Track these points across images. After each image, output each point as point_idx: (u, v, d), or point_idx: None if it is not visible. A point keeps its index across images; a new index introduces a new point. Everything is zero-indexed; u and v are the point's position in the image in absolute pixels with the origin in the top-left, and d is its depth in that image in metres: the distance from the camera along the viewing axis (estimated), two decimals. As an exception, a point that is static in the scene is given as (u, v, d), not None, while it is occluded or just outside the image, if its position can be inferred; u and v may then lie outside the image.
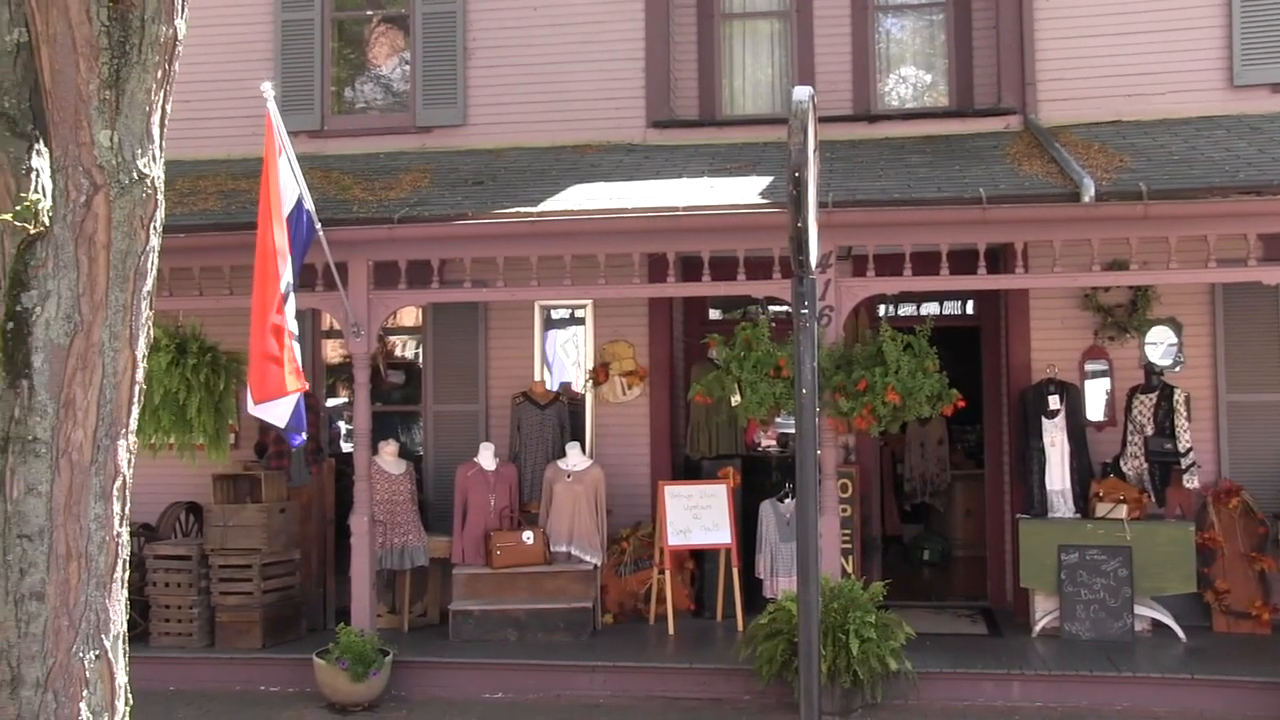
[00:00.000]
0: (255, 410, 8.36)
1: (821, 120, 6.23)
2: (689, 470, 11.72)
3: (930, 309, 12.70)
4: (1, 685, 5.26)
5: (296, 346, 8.40)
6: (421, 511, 10.95)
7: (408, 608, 10.82)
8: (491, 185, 10.46)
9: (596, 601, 10.59)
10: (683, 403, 11.82)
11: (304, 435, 8.67)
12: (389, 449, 10.77)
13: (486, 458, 10.86)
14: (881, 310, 11.67)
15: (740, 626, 10.20)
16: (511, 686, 9.55)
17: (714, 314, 12.62)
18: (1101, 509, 10.14)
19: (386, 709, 9.27)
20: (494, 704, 9.38)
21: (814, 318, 5.22)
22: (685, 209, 9.42)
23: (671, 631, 10.45)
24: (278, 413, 8.30)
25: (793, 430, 10.53)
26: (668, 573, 10.63)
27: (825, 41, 11.97)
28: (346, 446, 12.41)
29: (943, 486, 14.91)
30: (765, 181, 9.97)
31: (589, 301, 11.60)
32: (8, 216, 5.45)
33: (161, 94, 5.62)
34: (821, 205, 6.28)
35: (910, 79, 12.39)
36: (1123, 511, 10.04)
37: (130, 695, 5.66)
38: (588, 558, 10.63)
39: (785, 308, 10.68)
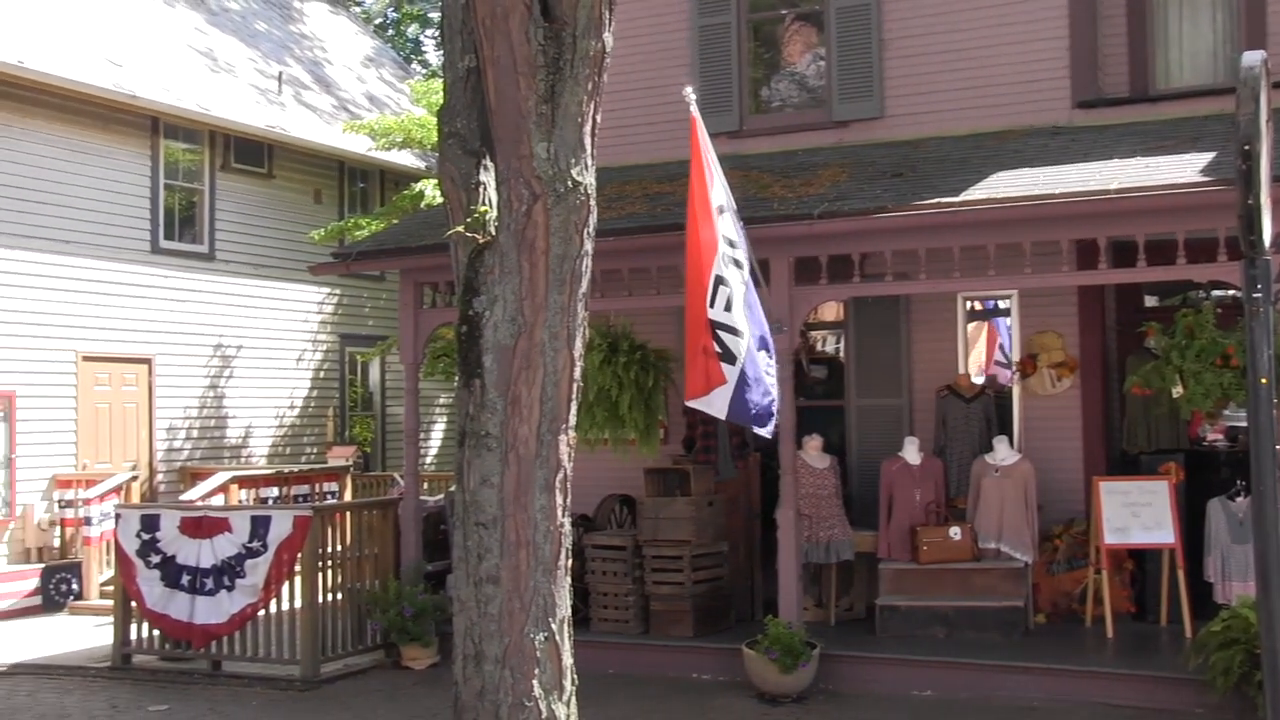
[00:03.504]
0: (690, 402, 8.57)
1: (1276, 87, 5.73)
2: (1125, 465, 11.08)
3: None
4: (467, 660, 5.73)
5: (732, 339, 8.53)
6: (846, 506, 10.95)
7: (834, 601, 10.86)
8: (911, 177, 10.30)
9: (1028, 600, 10.22)
10: (1117, 395, 11.19)
11: (774, 425, 8.67)
12: (813, 443, 10.85)
13: (911, 452, 10.72)
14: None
15: (1188, 633, 9.53)
16: (940, 684, 9.38)
17: (1150, 301, 11.86)
18: None
19: (814, 701, 9.34)
20: (923, 701, 9.24)
21: (1268, 302, 4.81)
22: (1117, 190, 8.91)
23: (1110, 634, 9.92)
24: (715, 405, 8.50)
25: (1243, 423, 9.74)
26: (1104, 573, 10.10)
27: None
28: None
29: None
30: (1206, 158, 9.25)
31: (1014, 292, 11.20)
32: (460, 228, 5.92)
33: (592, 105, 5.92)
34: (1276, 179, 5.76)
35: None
36: None
37: (575, 675, 6.01)
38: (1018, 555, 10.27)
39: (1232, 292, 9.90)
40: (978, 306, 11.91)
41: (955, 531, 10.31)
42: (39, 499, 14.81)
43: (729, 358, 8.42)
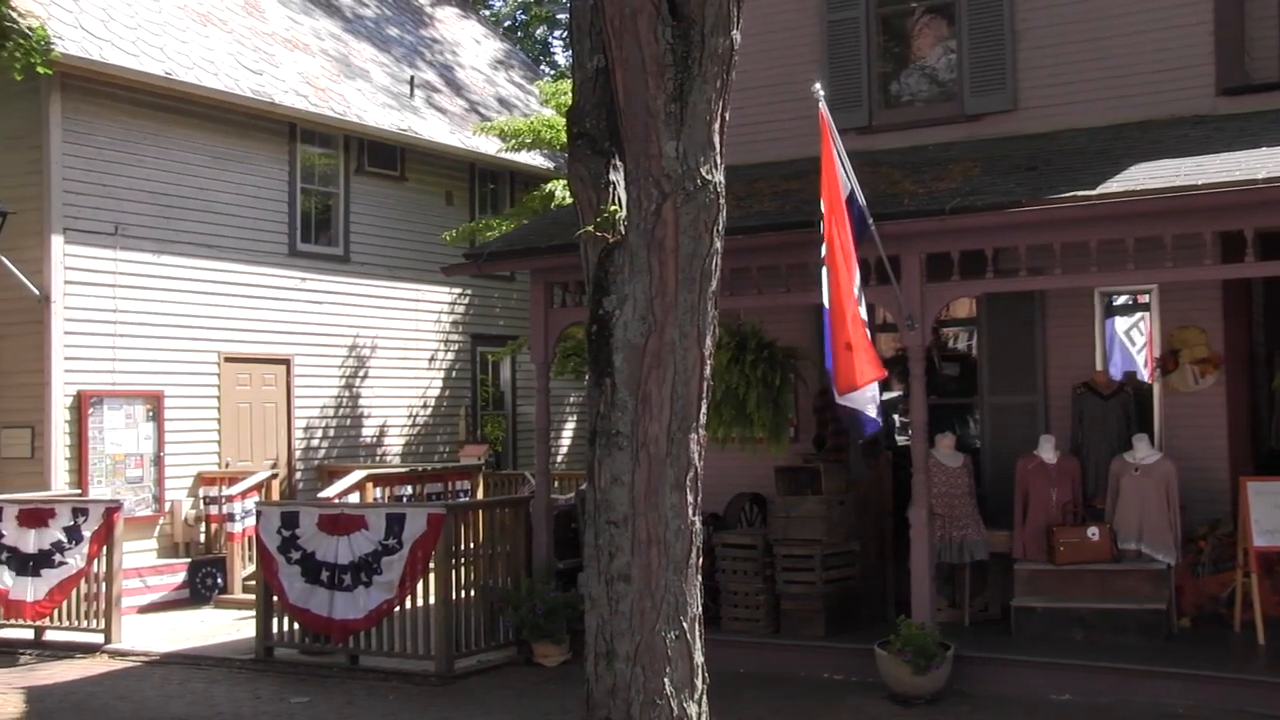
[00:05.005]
0: (842, 400, 8.50)
1: None
2: (1275, 465, 10.70)
3: None
4: (599, 657, 5.78)
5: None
6: (980, 505, 10.76)
7: (968, 602, 10.68)
8: (1045, 170, 10.08)
9: (1171, 603, 9.92)
10: (1265, 392, 10.81)
11: (879, 423, 8.66)
12: (946, 442, 10.69)
13: (1047, 450, 10.50)
14: None
15: (1346, 639, 9.17)
16: (1079, 688, 9.16)
17: (1302, 293, 11.44)
18: None
19: (948, 703, 9.20)
20: (1060, 705, 9.04)
21: None
22: (1265, 180, 8.59)
23: (1261, 640, 9.58)
24: (864, 401, 8.44)
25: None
26: (1254, 576, 9.75)
27: None
28: (901, 440, 12.44)
29: None
30: (1362, 143, 8.89)
31: (1154, 286, 10.89)
32: (590, 228, 5.97)
33: (720, 103, 5.92)
34: None
35: None
36: None
37: (706, 674, 6.01)
38: (1160, 556, 9.98)
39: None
40: (1115, 301, 11.61)
41: (1093, 532, 10.06)
42: (185, 496, 15.32)
43: (873, 356, 8.40)
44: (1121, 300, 11.71)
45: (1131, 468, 10.21)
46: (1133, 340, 11.78)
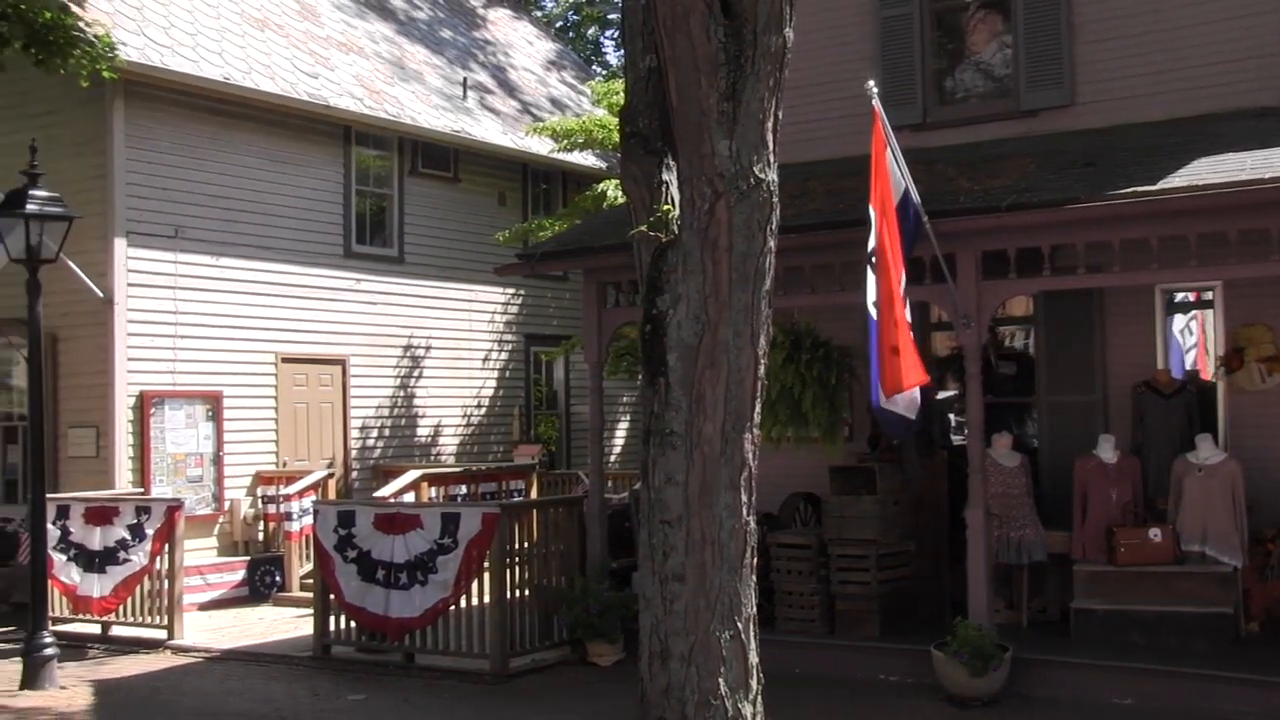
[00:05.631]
0: (884, 404, 8.46)
1: None
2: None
3: None
4: (653, 657, 5.77)
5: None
6: (1037, 505, 10.64)
7: (1026, 603, 10.56)
8: (1103, 165, 9.95)
9: (1238, 607, 9.75)
10: (1333, 390, 10.59)
11: (916, 426, 8.67)
12: (1003, 441, 10.58)
13: (1106, 450, 10.36)
14: None
15: None
16: (1141, 693, 9.02)
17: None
18: None
19: (1006, 706, 9.10)
20: (1123, 710, 8.91)
21: None
22: (1332, 173, 8.42)
23: (1329, 645, 9.41)
24: (906, 404, 8.39)
25: None
26: (1322, 579, 9.57)
27: None
28: (957, 439, 12.33)
29: None
30: None
31: (1217, 283, 10.71)
32: (643, 227, 5.96)
33: (773, 101, 5.89)
34: None
35: None
36: None
37: (761, 674, 5.99)
38: (1225, 559, 9.80)
39: None
40: (1177, 299, 11.43)
41: (1155, 533, 9.91)
42: (244, 495, 15.48)
43: (916, 360, 8.34)
44: (1183, 297, 11.53)
45: (1195, 468, 10.05)
46: (1195, 338, 11.60)
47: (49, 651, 10.46)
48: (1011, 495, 10.42)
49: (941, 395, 12.77)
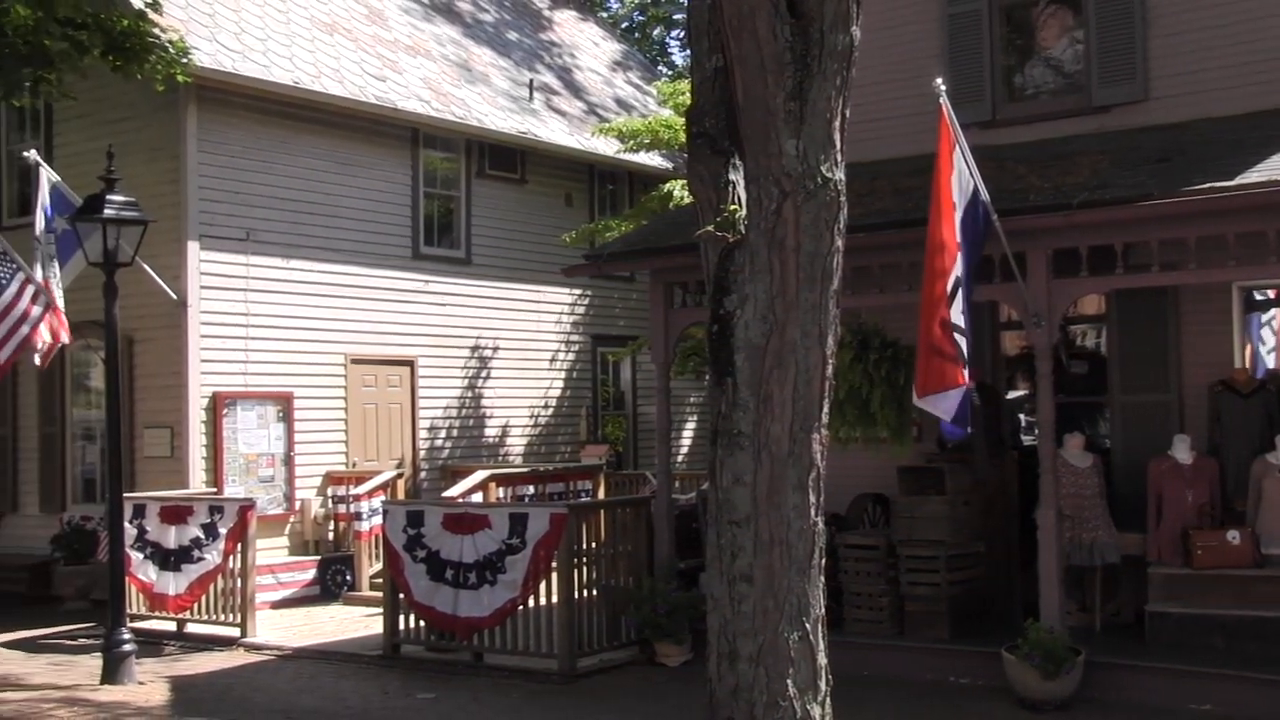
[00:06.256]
0: (919, 403, 8.46)
1: None
2: None
3: None
4: (721, 657, 5.75)
5: (963, 340, 8.36)
6: (1110, 506, 10.48)
7: (1099, 606, 10.41)
8: (1178, 161, 9.78)
9: (1319, 611, 9.55)
10: None
11: (967, 430, 8.57)
12: (1075, 441, 10.43)
13: (1182, 450, 10.18)
14: None
15: None
16: (1220, 699, 8.85)
17: None
18: None
19: (1079, 710, 8.98)
20: (1199, 715, 8.76)
21: None
22: None
23: None
24: (943, 406, 8.34)
25: None
26: (1405, 582, 9.34)
27: None
28: (1028, 439, 12.18)
29: None
30: None
31: (1297, 279, 10.50)
32: (710, 227, 5.94)
33: (840, 100, 5.85)
34: None
35: None
36: None
37: (830, 676, 5.95)
38: (1306, 562, 9.62)
39: None
40: (1256, 296, 11.20)
41: (1233, 535, 9.72)
42: (314, 494, 15.67)
43: (963, 360, 8.28)
44: (1263, 295, 11.30)
45: (1275, 469, 9.84)
46: (1276, 336, 11.37)
47: (128, 648, 10.67)
48: (1084, 496, 10.28)
49: (1012, 395, 12.63)
